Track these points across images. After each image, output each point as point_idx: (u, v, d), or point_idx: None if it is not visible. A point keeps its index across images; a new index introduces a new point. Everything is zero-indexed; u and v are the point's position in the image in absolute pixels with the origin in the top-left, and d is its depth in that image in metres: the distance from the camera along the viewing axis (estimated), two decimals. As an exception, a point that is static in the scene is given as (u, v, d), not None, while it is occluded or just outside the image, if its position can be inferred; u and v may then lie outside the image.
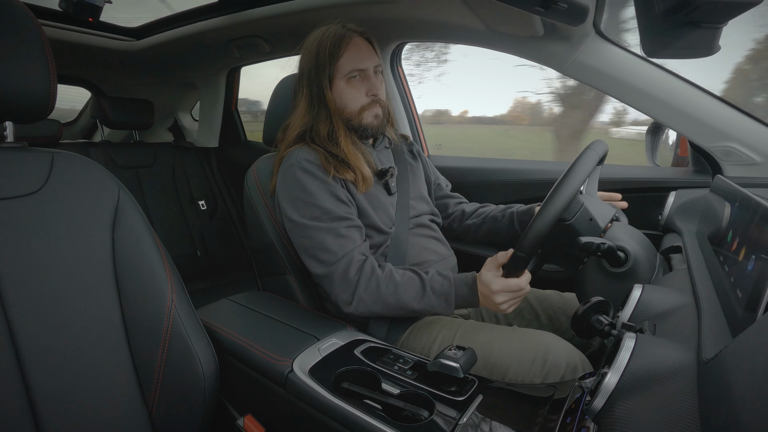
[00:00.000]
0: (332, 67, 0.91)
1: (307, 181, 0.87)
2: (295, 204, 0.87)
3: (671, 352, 0.44)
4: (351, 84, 0.92)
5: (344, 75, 0.92)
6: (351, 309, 0.83)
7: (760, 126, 0.99)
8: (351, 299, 0.83)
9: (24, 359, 0.62)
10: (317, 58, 0.91)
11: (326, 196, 0.86)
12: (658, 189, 1.13)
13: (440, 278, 0.83)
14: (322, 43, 0.91)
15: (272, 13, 1.42)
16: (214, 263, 2.14)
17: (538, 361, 0.73)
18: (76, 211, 0.70)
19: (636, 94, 1.03)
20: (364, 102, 0.94)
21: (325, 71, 0.91)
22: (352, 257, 0.84)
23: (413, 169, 1.10)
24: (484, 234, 1.12)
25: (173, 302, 0.73)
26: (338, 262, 0.83)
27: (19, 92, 0.65)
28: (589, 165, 0.76)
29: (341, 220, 0.85)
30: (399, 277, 0.83)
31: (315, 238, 0.85)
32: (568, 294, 1.02)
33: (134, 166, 1.99)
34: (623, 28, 1.35)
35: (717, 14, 0.54)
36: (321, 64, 0.91)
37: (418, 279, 0.83)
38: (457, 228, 1.17)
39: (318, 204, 0.85)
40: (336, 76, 0.92)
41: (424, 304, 0.82)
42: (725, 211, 0.68)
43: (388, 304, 0.82)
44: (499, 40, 1.16)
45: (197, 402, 0.72)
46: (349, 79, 0.92)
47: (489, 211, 1.13)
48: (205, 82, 2.20)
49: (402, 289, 0.82)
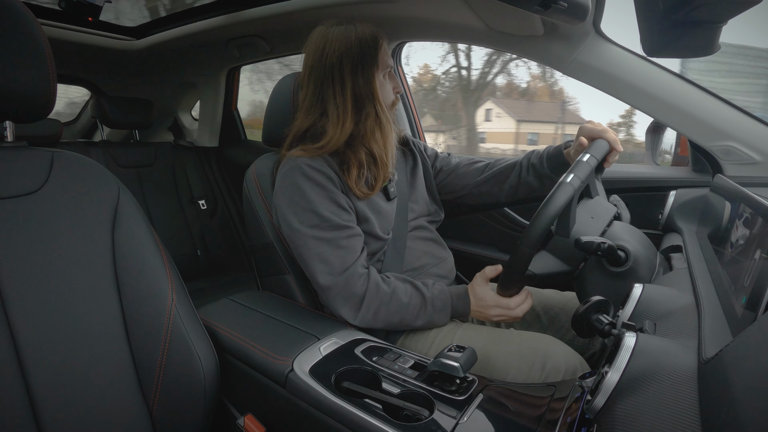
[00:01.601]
0: (378, 59, 0.88)
1: (307, 186, 0.84)
2: (295, 210, 0.85)
3: (672, 351, 0.44)
4: (386, 79, 0.92)
5: (383, 68, 0.90)
6: (355, 323, 0.84)
7: (760, 125, 0.99)
8: (355, 315, 0.83)
9: (24, 359, 0.62)
10: (361, 48, 0.86)
11: (326, 203, 0.84)
12: (658, 188, 1.13)
13: (439, 294, 0.87)
14: (360, 36, 0.87)
15: (272, 12, 1.41)
16: (215, 263, 2.14)
17: (536, 365, 0.73)
18: (76, 211, 0.70)
19: (636, 94, 1.03)
20: (392, 99, 0.94)
21: (374, 62, 0.87)
22: (354, 271, 0.83)
23: (413, 168, 1.08)
24: (524, 195, 1.07)
25: (173, 301, 0.73)
26: (340, 276, 0.82)
27: (19, 92, 0.65)
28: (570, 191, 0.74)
29: (341, 229, 0.84)
30: (404, 296, 0.84)
31: (314, 249, 0.83)
32: (569, 293, 1.02)
33: (134, 165, 1.99)
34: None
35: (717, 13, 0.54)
36: (368, 54, 0.87)
37: (420, 297, 0.85)
38: (498, 192, 1.09)
39: (317, 211, 0.83)
40: (377, 68, 0.89)
41: (425, 320, 0.85)
42: (725, 211, 0.68)
43: (391, 323, 0.85)
44: (499, 39, 1.16)
45: (197, 401, 0.72)
46: (385, 74, 0.92)
47: (516, 173, 1.05)
48: (205, 82, 2.20)
49: (405, 309, 0.84)
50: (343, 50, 0.86)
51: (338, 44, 0.87)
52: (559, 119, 20.43)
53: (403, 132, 1.13)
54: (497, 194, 1.09)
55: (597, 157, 0.80)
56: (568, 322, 0.95)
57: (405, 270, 0.94)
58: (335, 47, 0.87)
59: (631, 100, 1.05)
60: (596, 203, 0.85)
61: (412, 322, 0.85)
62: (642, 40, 0.67)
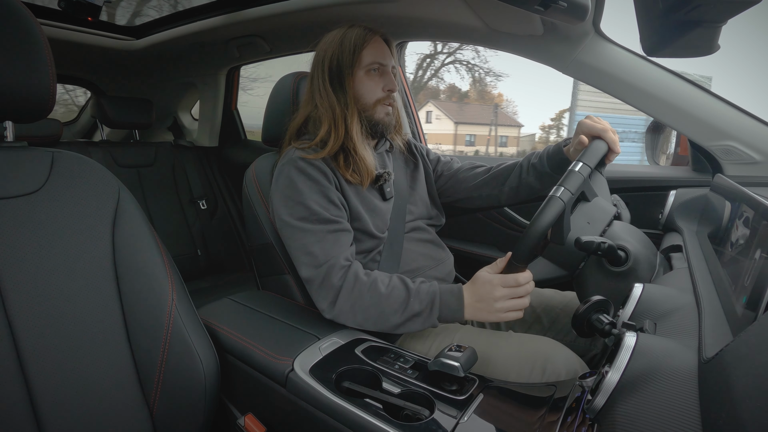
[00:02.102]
0: (355, 56, 0.92)
1: (299, 179, 0.86)
2: (286, 202, 0.86)
3: (672, 351, 0.44)
4: (370, 76, 0.94)
5: (365, 66, 0.93)
6: (330, 316, 0.81)
7: (760, 125, 0.99)
8: (332, 307, 0.80)
9: (25, 359, 0.63)
10: (341, 46, 0.92)
11: (316, 196, 0.85)
12: (658, 188, 1.13)
13: (428, 287, 0.80)
14: (347, 35, 0.93)
15: (272, 12, 1.41)
16: (215, 263, 2.15)
17: (536, 369, 0.73)
18: (76, 211, 0.70)
19: (636, 93, 1.03)
20: (380, 96, 0.95)
21: (351, 58, 0.92)
22: (335, 262, 0.81)
23: (414, 170, 1.09)
24: (525, 196, 1.06)
25: (174, 301, 0.73)
26: (321, 267, 0.81)
27: (19, 92, 0.65)
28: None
29: (328, 222, 0.84)
30: (384, 287, 0.79)
31: (300, 240, 0.83)
32: (569, 294, 1.02)
33: (134, 165, 1.99)
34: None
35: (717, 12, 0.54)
36: (346, 51, 0.92)
37: (404, 289, 0.79)
38: (498, 194, 1.08)
39: (306, 204, 0.84)
40: (358, 66, 0.93)
41: (406, 315, 0.78)
42: (725, 210, 0.68)
43: (369, 316, 0.78)
44: (499, 39, 1.16)
45: (198, 401, 0.72)
46: (369, 71, 0.93)
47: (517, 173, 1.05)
48: (205, 82, 2.20)
49: (385, 300, 0.78)
50: (326, 49, 0.93)
51: (325, 45, 0.94)
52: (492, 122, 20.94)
53: (407, 136, 1.15)
54: (498, 196, 1.09)
55: (590, 165, 0.80)
56: (569, 323, 0.95)
57: (402, 271, 0.94)
58: (322, 47, 0.95)
59: (631, 100, 1.05)
60: (593, 206, 0.85)
61: (391, 316, 0.78)
62: (642, 40, 0.67)
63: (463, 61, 16.15)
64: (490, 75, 17.33)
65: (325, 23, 0.96)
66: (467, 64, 16.19)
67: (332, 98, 0.92)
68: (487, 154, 19.36)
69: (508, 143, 22.48)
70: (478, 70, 16.50)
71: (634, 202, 1.03)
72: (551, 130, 5.81)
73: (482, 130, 20.95)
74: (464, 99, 22.17)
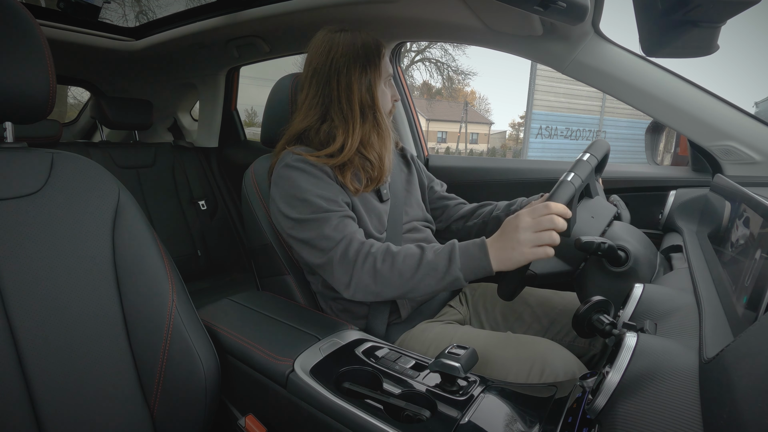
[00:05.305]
0: (380, 67, 0.90)
1: (302, 178, 0.86)
2: (292, 203, 0.86)
3: (673, 351, 0.44)
4: (386, 87, 0.94)
5: (384, 78, 0.92)
6: (351, 292, 0.80)
7: (760, 125, 0.99)
8: (350, 280, 0.79)
9: (25, 359, 0.62)
10: (366, 55, 0.88)
11: (320, 191, 0.85)
12: (658, 188, 1.13)
13: (441, 242, 0.81)
14: (366, 42, 0.89)
15: (271, 12, 1.41)
16: (215, 263, 2.14)
17: (535, 370, 0.73)
18: (76, 212, 0.70)
19: (635, 94, 1.03)
20: (390, 106, 0.96)
21: (377, 69, 0.90)
22: (352, 238, 0.81)
23: (408, 175, 1.10)
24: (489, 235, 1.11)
25: (174, 302, 0.73)
26: (337, 245, 0.80)
27: (18, 92, 0.65)
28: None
29: (338, 209, 0.84)
30: (396, 249, 0.79)
31: (314, 230, 0.83)
32: (569, 294, 1.02)
33: (134, 166, 1.99)
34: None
35: (716, 13, 0.54)
36: (372, 61, 0.89)
37: (417, 247, 0.79)
38: (457, 230, 1.14)
39: (312, 199, 0.84)
40: (380, 77, 0.91)
41: (423, 271, 0.75)
42: (725, 210, 0.68)
43: (388, 281, 0.77)
44: (498, 39, 1.16)
45: (198, 402, 0.72)
46: (386, 82, 0.93)
47: (490, 210, 1.09)
48: (205, 82, 2.20)
49: (400, 259, 0.77)
50: (351, 55, 0.88)
51: (345, 49, 0.88)
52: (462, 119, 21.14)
53: (401, 144, 1.17)
54: (469, 228, 1.11)
55: (597, 157, 0.80)
56: (569, 324, 0.95)
57: None
58: (342, 51, 0.88)
59: (631, 100, 1.05)
60: (596, 203, 0.85)
61: (408, 274, 0.76)
62: (641, 40, 0.67)
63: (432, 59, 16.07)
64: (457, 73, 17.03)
65: (325, 24, 0.96)
66: (436, 62, 16.10)
67: (356, 114, 0.89)
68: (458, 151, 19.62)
69: (479, 140, 23.14)
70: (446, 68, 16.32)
71: (634, 203, 1.03)
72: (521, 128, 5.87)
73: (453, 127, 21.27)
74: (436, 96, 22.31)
